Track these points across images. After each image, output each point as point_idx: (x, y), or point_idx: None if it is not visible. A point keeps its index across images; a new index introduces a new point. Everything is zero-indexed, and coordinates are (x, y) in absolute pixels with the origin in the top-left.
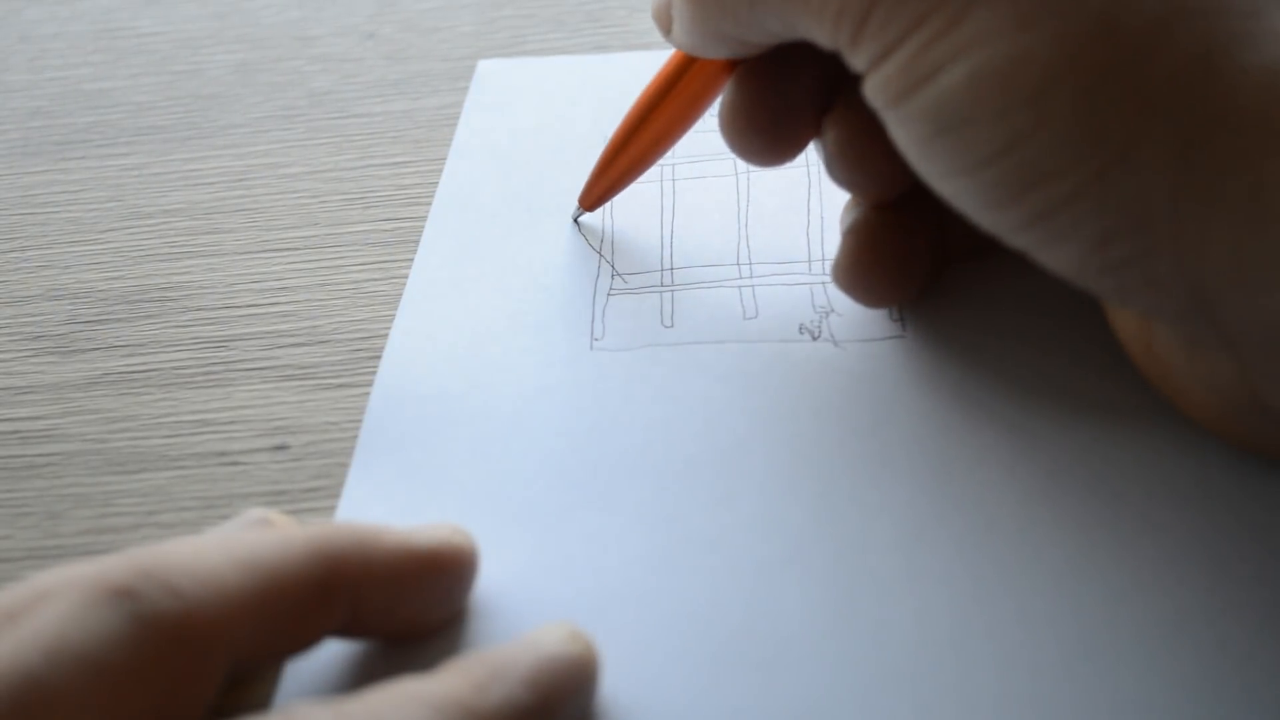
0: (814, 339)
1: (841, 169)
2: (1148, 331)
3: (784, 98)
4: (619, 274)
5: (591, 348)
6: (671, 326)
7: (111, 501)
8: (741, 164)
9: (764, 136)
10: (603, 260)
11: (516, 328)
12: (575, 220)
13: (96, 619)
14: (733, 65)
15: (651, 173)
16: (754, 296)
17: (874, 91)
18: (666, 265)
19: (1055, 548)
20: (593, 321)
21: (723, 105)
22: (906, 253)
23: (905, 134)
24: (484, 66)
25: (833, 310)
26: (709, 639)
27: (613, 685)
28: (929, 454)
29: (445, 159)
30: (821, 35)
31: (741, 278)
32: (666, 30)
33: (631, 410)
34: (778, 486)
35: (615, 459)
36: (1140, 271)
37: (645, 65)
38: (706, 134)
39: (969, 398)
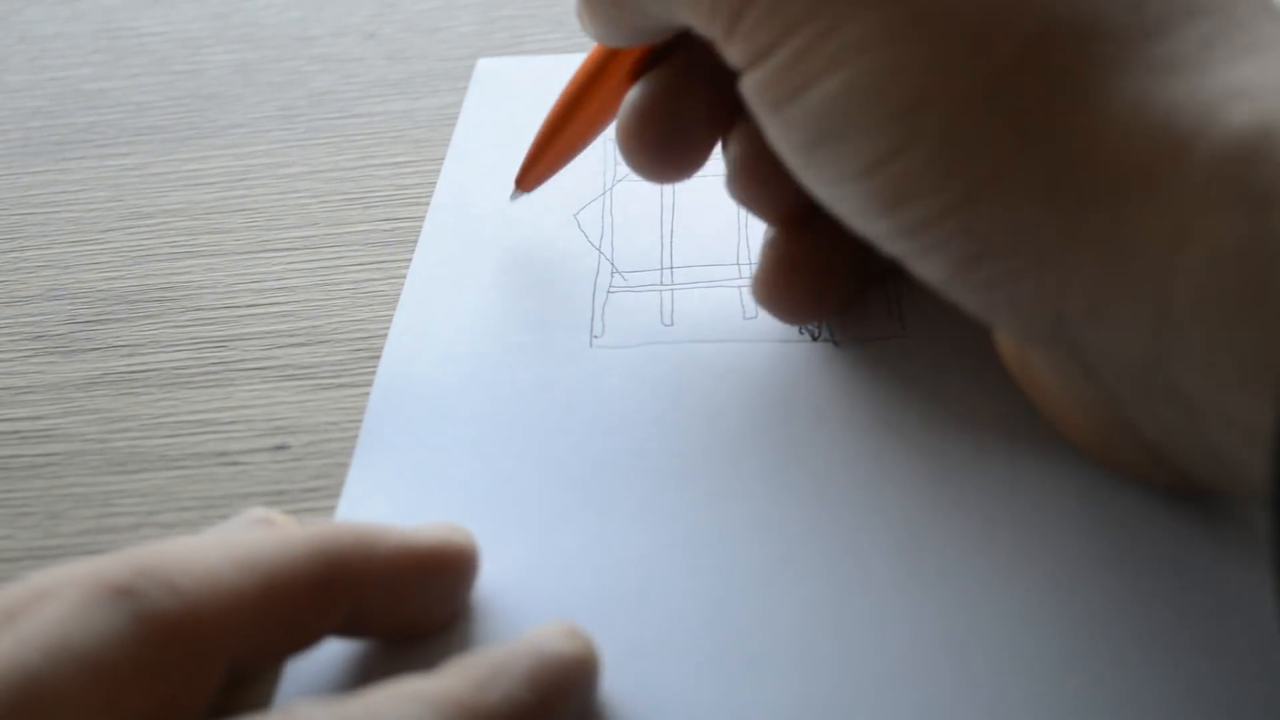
0: (814, 339)
1: (739, 187)
2: (1024, 352)
3: (678, 107)
4: (619, 272)
5: (591, 346)
6: (671, 325)
7: (111, 501)
8: None
9: (658, 148)
10: (602, 258)
11: (516, 326)
12: (512, 200)
13: (96, 618)
14: (642, 62)
15: None
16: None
17: (751, 94)
18: (666, 264)
19: (1055, 548)
20: (592, 319)
21: (620, 110)
22: (824, 269)
23: (782, 140)
24: (483, 65)
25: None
26: (709, 639)
27: (613, 685)
28: (928, 454)
29: (445, 159)
30: (696, 22)
31: (741, 277)
32: (584, 24)
33: (631, 409)
34: (777, 486)
35: (615, 458)
36: (1004, 295)
37: None
38: None
39: (968, 398)
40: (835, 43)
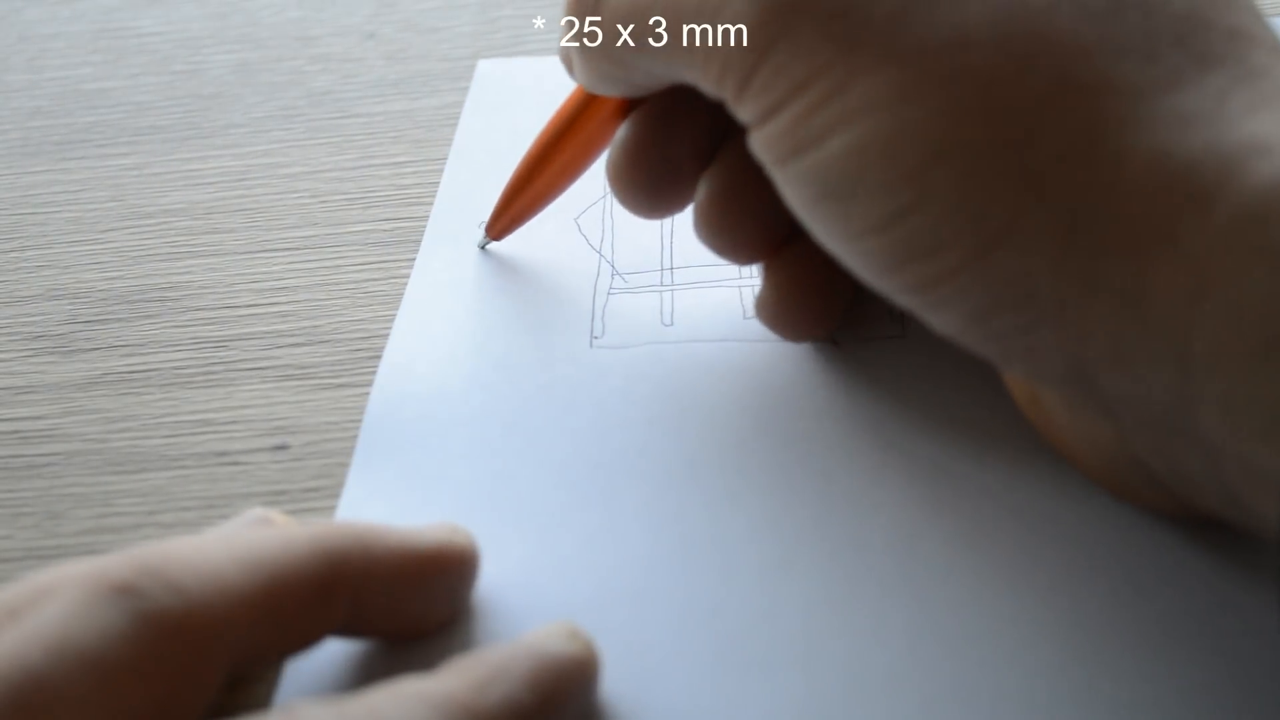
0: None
1: (706, 230)
2: (1035, 390)
3: (669, 147)
4: (619, 273)
5: (591, 346)
6: (671, 325)
7: (111, 501)
8: None
9: (648, 186)
10: (603, 259)
11: (516, 327)
12: (482, 248)
13: (98, 616)
14: (628, 106)
15: None
16: (754, 296)
17: (759, 147)
18: (666, 264)
19: (1055, 547)
20: (593, 320)
21: (610, 150)
22: (831, 287)
23: (790, 193)
24: (484, 67)
25: None
26: (709, 639)
27: (613, 685)
28: (928, 454)
29: (445, 159)
30: (705, 84)
31: (741, 277)
32: (569, 69)
33: (631, 409)
34: (777, 486)
35: (615, 458)
36: (1022, 343)
37: None
38: None
39: (968, 398)
40: (844, 101)
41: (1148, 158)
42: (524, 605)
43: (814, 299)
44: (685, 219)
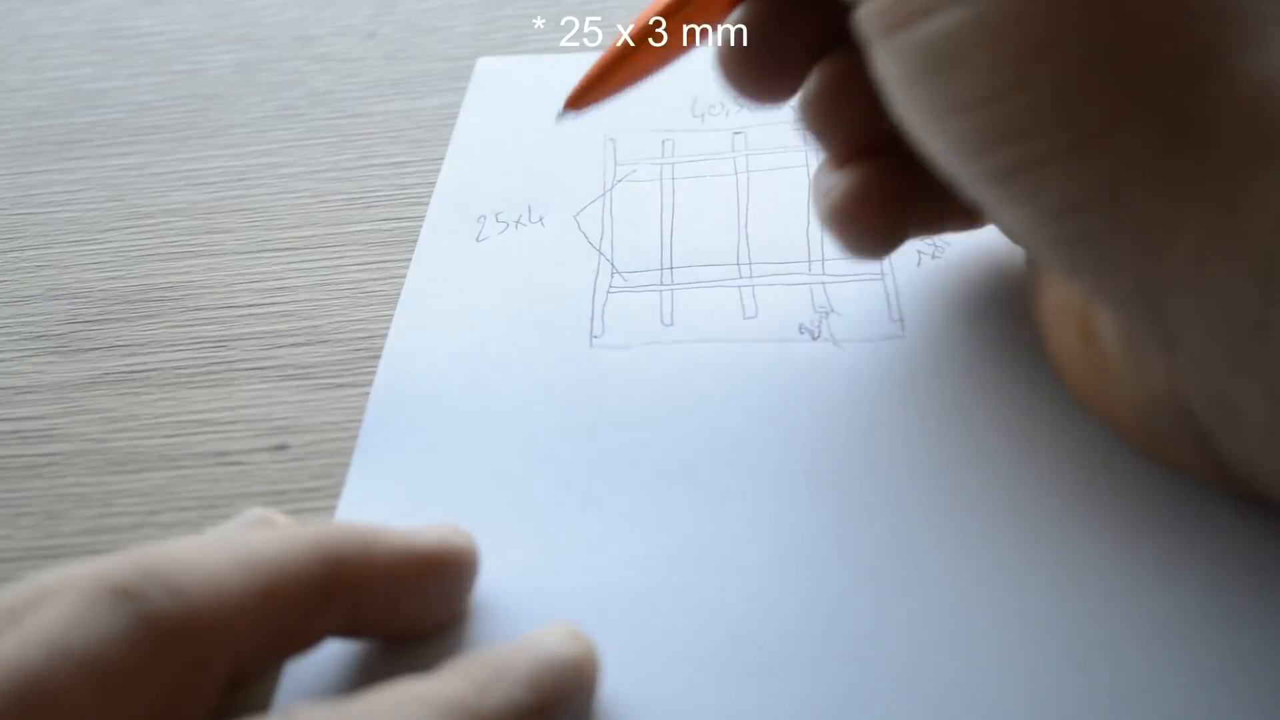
0: (814, 339)
1: (812, 116)
2: (1077, 331)
3: (784, 34)
4: (619, 272)
5: (591, 346)
6: (671, 325)
7: (111, 501)
8: (741, 163)
9: (756, 73)
10: (603, 258)
11: (516, 325)
12: (558, 121)
13: (98, 618)
14: None
15: (652, 171)
16: (754, 296)
17: (866, 19)
18: (666, 264)
19: (1055, 547)
20: (592, 319)
21: (722, 33)
22: (902, 200)
23: (890, 68)
24: (483, 64)
25: (833, 310)
26: (709, 639)
27: (613, 685)
28: (929, 454)
29: (445, 158)
30: None
31: (741, 277)
32: None
33: (631, 409)
34: (777, 486)
35: (615, 458)
36: (1095, 250)
37: None
38: (706, 133)
39: (969, 397)
40: None
41: (1261, 79)
42: (524, 605)
43: (890, 207)
44: (684, 218)
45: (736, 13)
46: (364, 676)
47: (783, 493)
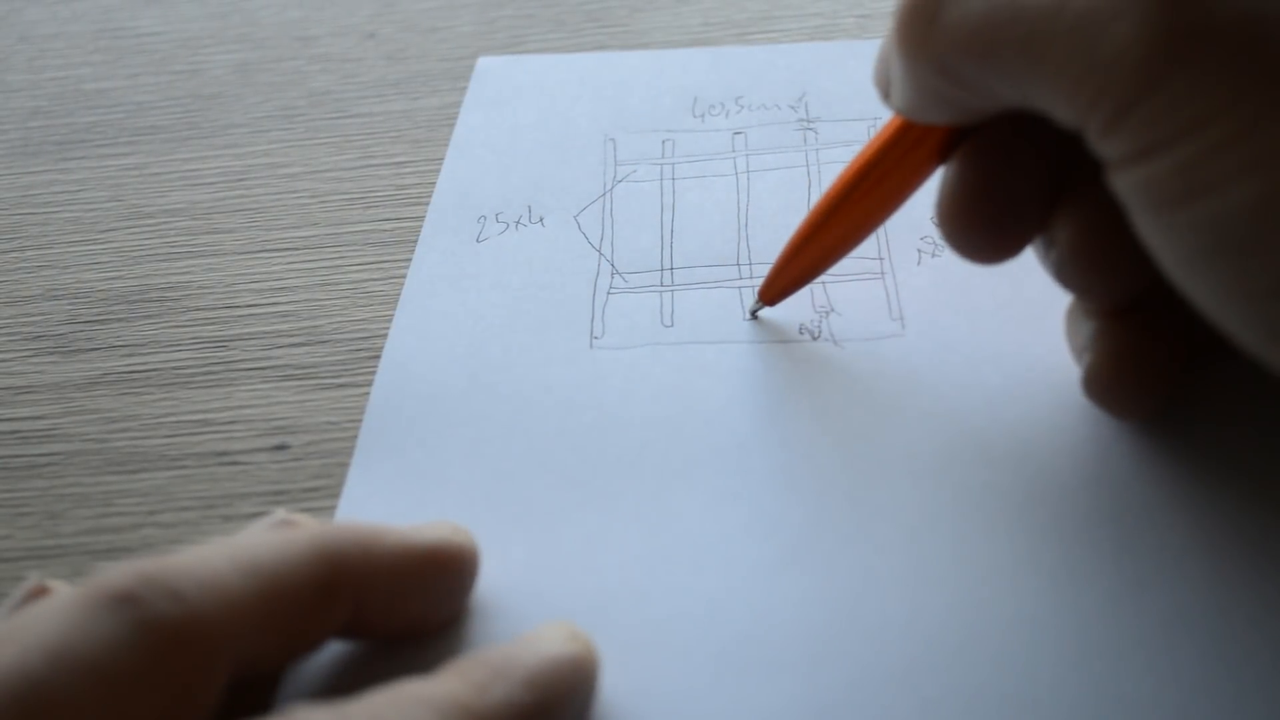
0: (814, 339)
1: (1077, 273)
2: None
3: (1009, 185)
4: (619, 273)
5: (591, 346)
6: (671, 326)
7: (111, 501)
8: (741, 164)
9: (987, 230)
10: (603, 259)
11: (516, 326)
12: (753, 316)
13: (99, 625)
14: (947, 144)
15: (652, 171)
16: (754, 296)
17: (1132, 189)
18: (666, 265)
19: (1054, 547)
20: (593, 320)
21: (941, 193)
22: (1164, 356)
23: (1170, 244)
24: (484, 63)
25: (832, 310)
26: (709, 639)
27: (613, 685)
28: (928, 454)
29: (445, 157)
30: (1063, 111)
31: (741, 278)
32: (885, 94)
33: (631, 409)
34: (778, 486)
35: (615, 459)
36: None
37: (646, 64)
38: (706, 133)
39: (968, 398)
40: (1254, 144)
41: None
42: (524, 605)
43: (1154, 370)
44: (685, 219)
45: (951, 166)
46: (364, 676)
47: (783, 493)
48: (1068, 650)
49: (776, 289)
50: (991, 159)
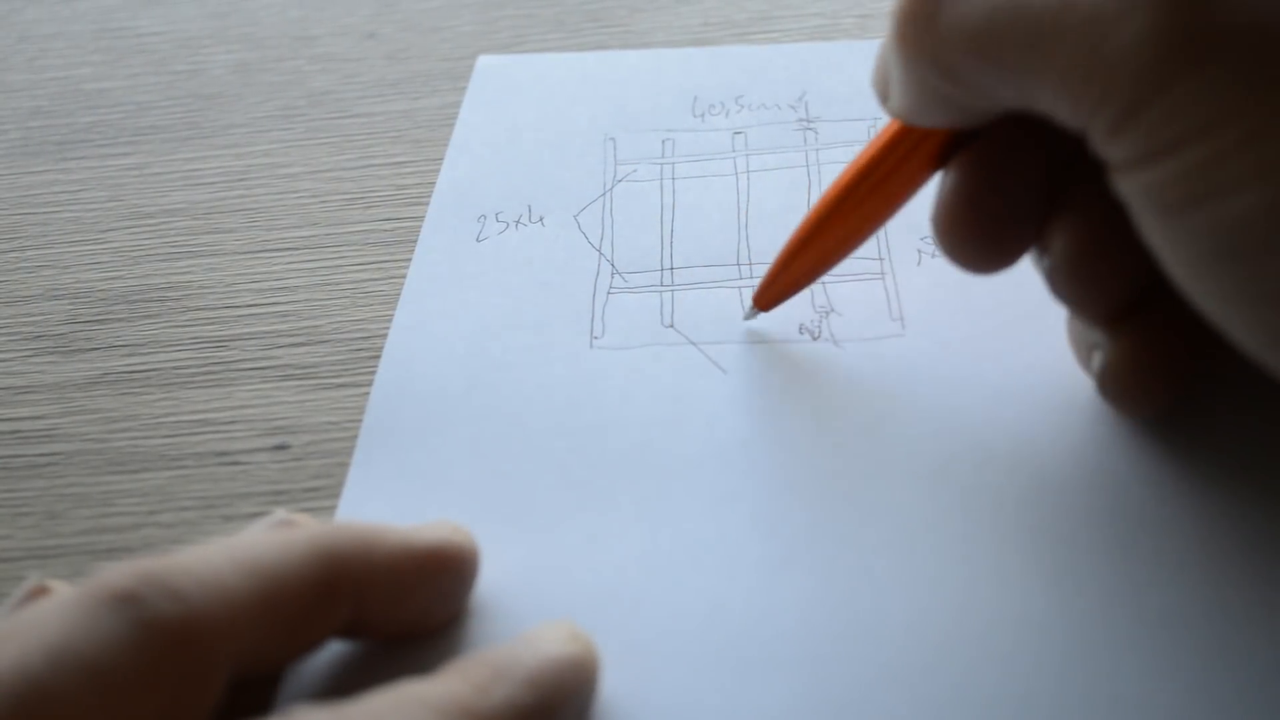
0: (814, 339)
1: (1069, 285)
2: None
3: (1005, 194)
4: (619, 272)
5: (591, 346)
6: (671, 326)
7: (111, 501)
8: (741, 163)
9: (983, 239)
10: (603, 259)
11: (516, 326)
12: (746, 319)
13: (100, 624)
14: (944, 150)
15: (652, 171)
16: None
17: (1136, 193)
18: (666, 265)
19: (1053, 547)
20: (593, 320)
21: (937, 201)
22: (1180, 352)
23: (1173, 248)
24: (484, 62)
25: (833, 310)
26: (709, 639)
27: (613, 685)
28: (928, 454)
29: (445, 157)
30: (1067, 112)
31: (741, 278)
32: (884, 97)
33: (631, 409)
34: (777, 486)
35: (615, 459)
36: None
37: (646, 64)
38: (706, 133)
39: (968, 398)
40: (1264, 149)
41: None
42: (524, 605)
43: (1172, 366)
44: (685, 219)
45: (949, 172)
46: (364, 677)
47: (783, 493)
48: (1067, 650)
49: (771, 295)
50: (988, 167)
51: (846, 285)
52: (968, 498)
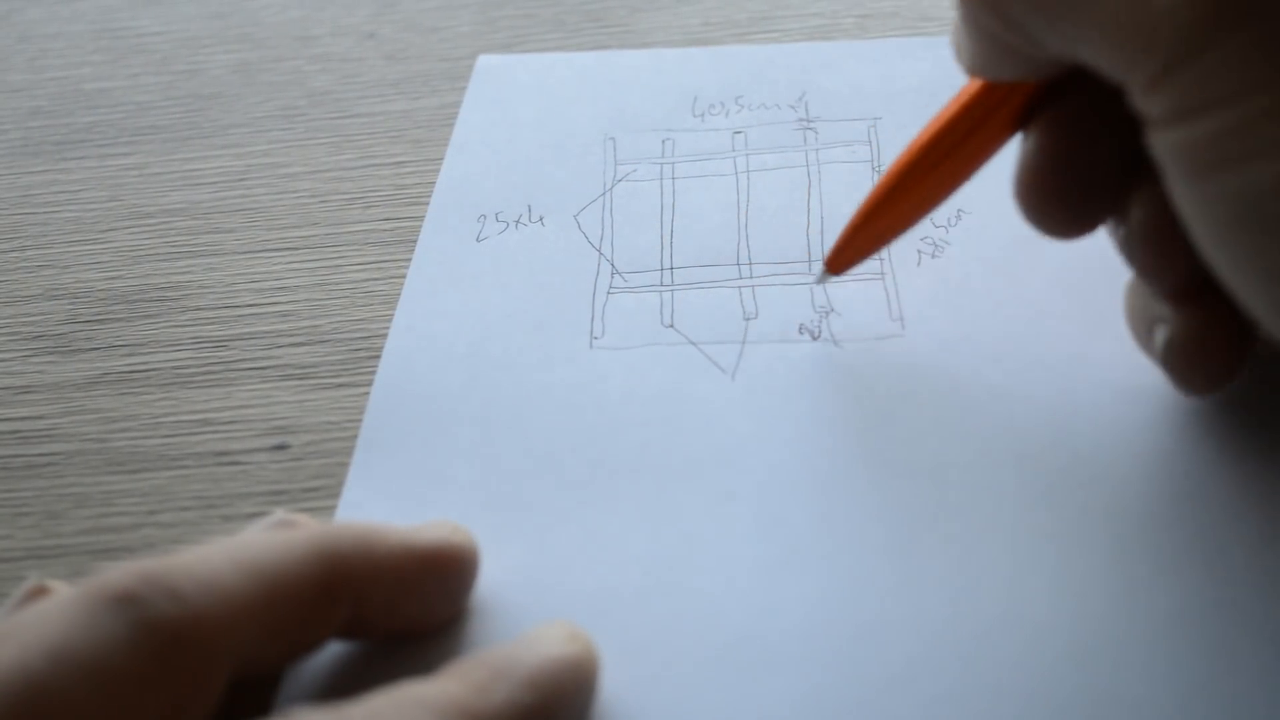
0: (814, 339)
1: (1144, 254)
2: None
3: (1087, 158)
4: (619, 272)
5: (591, 346)
6: (671, 326)
7: (111, 501)
8: (741, 163)
9: (1063, 201)
10: (603, 258)
11: (516, 326)
12: (818, 283)
13: (100, 625)
14: (1024, 111)
15: (652, 171)
16: (754, 296)
17: (1168, 151)
18: (666, 264)
19: (1053, 547)
20: (593, 320)
21: (1019, 162)
22: (1232, 341)
23: (1199, 212)
24: (484, 61)
25: (833, 310)
26: (709, 639)
27: (613, 685)
28: (928, 454)
29: (445, 156)
30: (1109, 62)
31: (741, 278)
32: (958, 52)
33: (631, 410)
34: (777, 486)
35: (615, 458)
36: None
37: (646, 64)
38: (706, 133)
39: (969, 397)
40: None
41: None
42: (524, 605)
43: (1237, 345)
44: (684, 218)
45: (1031, 136)
46: (364, 677)
47: (783, 493)
48: (1068, 650)
49: (846, 257)
50: (1070, 131)
51: (846, 285)
52: (967, 497)
